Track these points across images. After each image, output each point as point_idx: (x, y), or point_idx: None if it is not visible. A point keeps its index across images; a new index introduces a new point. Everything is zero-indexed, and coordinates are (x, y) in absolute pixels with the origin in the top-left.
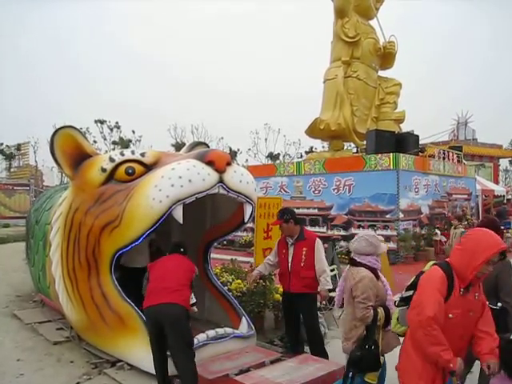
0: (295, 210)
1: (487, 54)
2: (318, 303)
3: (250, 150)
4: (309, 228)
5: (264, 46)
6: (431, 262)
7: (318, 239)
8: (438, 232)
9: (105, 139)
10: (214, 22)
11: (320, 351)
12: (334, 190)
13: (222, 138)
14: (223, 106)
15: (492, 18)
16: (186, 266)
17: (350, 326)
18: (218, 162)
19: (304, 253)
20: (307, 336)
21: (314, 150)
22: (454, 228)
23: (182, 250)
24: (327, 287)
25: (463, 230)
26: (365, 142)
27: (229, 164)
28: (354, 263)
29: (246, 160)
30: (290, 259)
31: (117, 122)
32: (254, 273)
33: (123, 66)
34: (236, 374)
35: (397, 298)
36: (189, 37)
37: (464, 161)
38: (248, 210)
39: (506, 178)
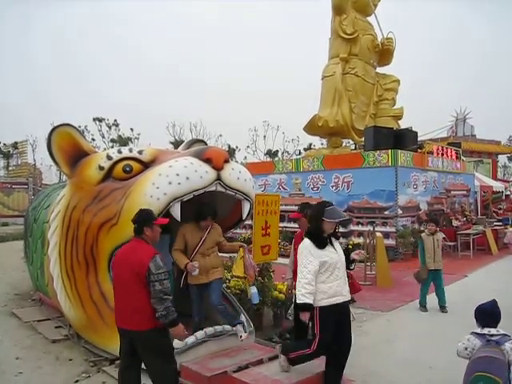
0: (294, 208)
1: (485, 50)
2: None
3: (248, 147)
4: None
5: (263, 43)
6: None
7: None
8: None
9: (103, 137)
10: (214, 21)
11: None
12: (332, 186)
13: (221, 135)
14: (222, 103)
15: (491, 16)
16: (134, 268)
17: None
18: (216, 160)
19: None
20: None
21: (312, 146)
22: (432, 234)
23: (134, 226)
24: None
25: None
26: (363, 139)
27: (227, 161)
28: None
29: (245, 157)
30: None
31: (115, 120)
32: (288, 282)
33: (122, 64)
34: (234, 371)
35: None
36: (188, 35)
37: (462, 157)
38: (246, 207)
39: (504, 175)
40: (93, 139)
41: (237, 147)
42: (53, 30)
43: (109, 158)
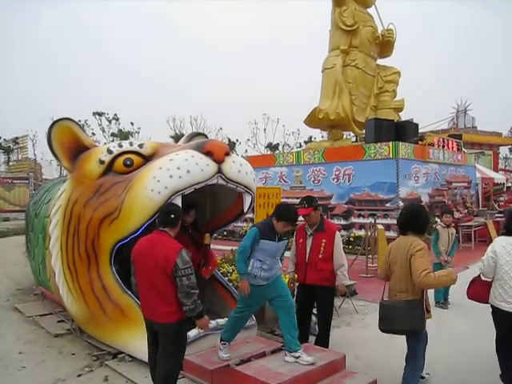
0: (295, 200)
1: (485, 42)
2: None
3: (249, 140)
4: None
5: (263, 35)
6: None
7: (337, 232)
8: (438, 220)
9: (103, 131)
10: (213, 15)
11: (325, 343)
12: (333, 179)
13: (221, 128)
14: (222, 96)
15: (492, 9)
16: (159, 262)
17: None
18: (217, 153)
19: (323, 245)
20: (318, 327)
21: (313, 139)
22: (447, 226)
23: (172, 217)
24: (344, 282)
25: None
26: (364, 131)
27: (227, 154)
28: None
29: (246, 150)
30: (307, 250)
31: (115, 114)
32: (290, 275)
33: (121, 59)
34: (237, 364)
35: None
36: (187, 29)
37: (464, 149)
38: (247, 200)
39: (505, 166)
40: (93, 133)
41: (237, 140)
42: (53, 26)
43: (109, 151)
